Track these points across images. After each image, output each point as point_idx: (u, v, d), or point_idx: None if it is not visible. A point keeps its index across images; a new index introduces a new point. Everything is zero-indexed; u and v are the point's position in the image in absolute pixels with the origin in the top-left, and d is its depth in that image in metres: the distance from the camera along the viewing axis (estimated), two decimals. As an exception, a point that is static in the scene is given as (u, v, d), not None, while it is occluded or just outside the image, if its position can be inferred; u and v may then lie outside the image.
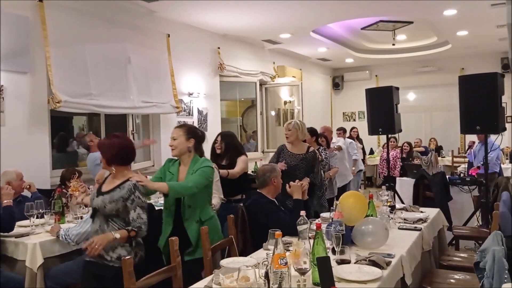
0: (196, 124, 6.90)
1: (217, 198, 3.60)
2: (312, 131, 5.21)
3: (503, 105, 4.94)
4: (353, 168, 6.96)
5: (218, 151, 4.23)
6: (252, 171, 6.49)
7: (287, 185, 3.40)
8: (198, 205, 2.99)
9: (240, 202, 3.67)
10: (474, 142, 7.84)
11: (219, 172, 3.91)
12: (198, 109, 7.04)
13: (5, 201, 3.26)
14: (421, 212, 3.77)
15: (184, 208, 2.98)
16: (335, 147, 6.15)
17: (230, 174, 4.09)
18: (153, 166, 6.34)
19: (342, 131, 7.73)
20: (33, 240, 3.16)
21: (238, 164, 4.16)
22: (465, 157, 8.45)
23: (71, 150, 5.83)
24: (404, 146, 8.78)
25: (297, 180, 3.48)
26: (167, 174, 3.07)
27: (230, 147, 4.22)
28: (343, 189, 5.75)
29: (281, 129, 9.36)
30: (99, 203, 2.69)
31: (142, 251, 2.76)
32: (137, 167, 5.58)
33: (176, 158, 3.09)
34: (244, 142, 9.03)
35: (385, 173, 8.19)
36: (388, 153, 6.88)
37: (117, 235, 2.58)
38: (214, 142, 4.30)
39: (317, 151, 4.70)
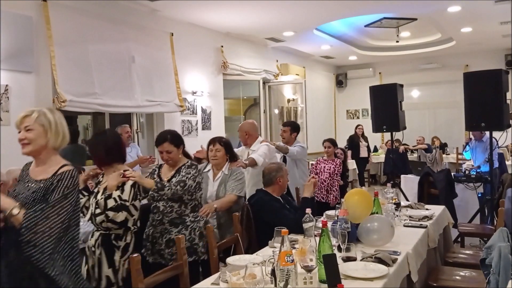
0: (200, 123, 6.91)
1: None
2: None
3: (508, 101, 4.93)
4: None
5: None
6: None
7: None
8: None
9: None
10: (471, 139, 7.31)
11: None
12: (202, 107, 7.04)
13: None
14: (427, 209, 3.77)
15: None
16: (244, 162, 3.87)
17: None
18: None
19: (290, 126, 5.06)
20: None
21: None
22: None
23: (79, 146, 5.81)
24: (338, 153, 5.70)
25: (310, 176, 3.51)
26: None
27: None
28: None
29: (285, 127, 9.35)
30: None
31: None
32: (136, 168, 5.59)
33: None
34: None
35: (320, 198, 5.23)
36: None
37: None
38: None
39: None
